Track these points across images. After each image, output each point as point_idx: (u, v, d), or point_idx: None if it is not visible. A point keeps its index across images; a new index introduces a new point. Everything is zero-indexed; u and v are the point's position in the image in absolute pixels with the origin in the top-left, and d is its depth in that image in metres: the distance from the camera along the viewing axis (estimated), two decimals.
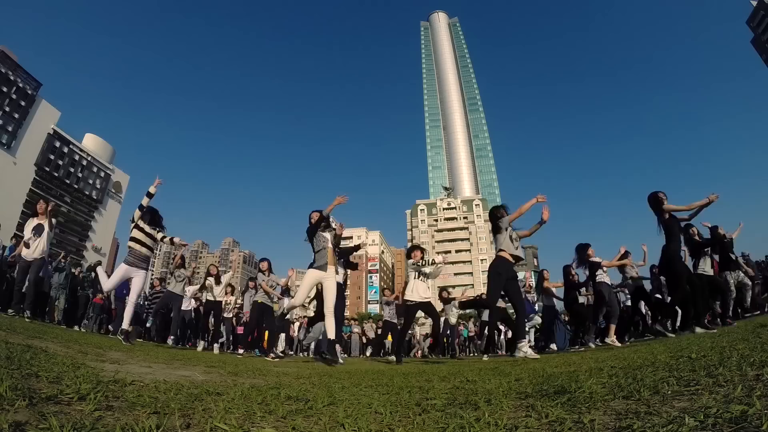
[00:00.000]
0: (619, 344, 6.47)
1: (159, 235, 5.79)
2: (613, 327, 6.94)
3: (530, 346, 5.60)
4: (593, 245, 7.65)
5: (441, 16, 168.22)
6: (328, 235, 5.31)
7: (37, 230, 6.65)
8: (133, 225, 5.70)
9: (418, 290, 6.33)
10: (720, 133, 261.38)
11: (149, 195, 5.75)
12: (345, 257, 6.63)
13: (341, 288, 6.13)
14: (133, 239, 5.66)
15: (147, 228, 5.71)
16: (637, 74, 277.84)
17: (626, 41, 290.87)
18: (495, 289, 5.27)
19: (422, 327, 19.45)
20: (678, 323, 8.62)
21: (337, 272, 5.44)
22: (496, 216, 5.51)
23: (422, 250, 6.69)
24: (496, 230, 5.48)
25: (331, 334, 5.02)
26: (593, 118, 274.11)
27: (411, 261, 6.53)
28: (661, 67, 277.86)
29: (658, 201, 5.79)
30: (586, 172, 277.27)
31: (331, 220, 5.43)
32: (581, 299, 8.95)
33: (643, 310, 9.54)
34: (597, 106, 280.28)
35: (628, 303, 9.05)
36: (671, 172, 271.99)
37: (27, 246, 6.61)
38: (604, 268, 7.48)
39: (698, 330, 5.39)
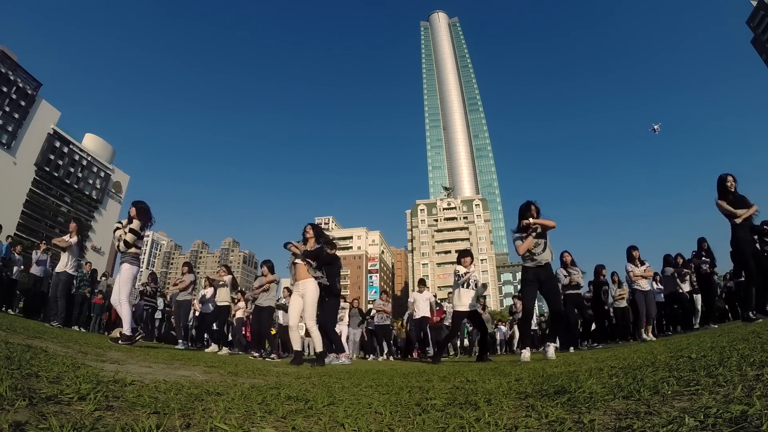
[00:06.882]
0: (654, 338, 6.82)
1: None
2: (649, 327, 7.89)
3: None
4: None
5: (441, 16, 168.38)
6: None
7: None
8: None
9: (467, 299, 6.34)
10: (720, 133, 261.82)
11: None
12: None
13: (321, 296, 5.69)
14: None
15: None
16: (637, 74, 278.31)
17: (626, 41, 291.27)
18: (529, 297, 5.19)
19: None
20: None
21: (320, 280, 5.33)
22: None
23: (472, 257, 6.60)
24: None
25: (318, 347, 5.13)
26: (593, 118, 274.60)
27: (462, 270, 6.42)
28: (661, 67, 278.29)
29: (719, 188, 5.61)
30: (586, 172, 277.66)
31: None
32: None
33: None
34: (597, 106, 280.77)
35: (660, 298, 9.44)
36: (671, 172, 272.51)
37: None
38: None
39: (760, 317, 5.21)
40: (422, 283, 10.29)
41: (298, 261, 5.24)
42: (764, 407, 0.95)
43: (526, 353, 4.73)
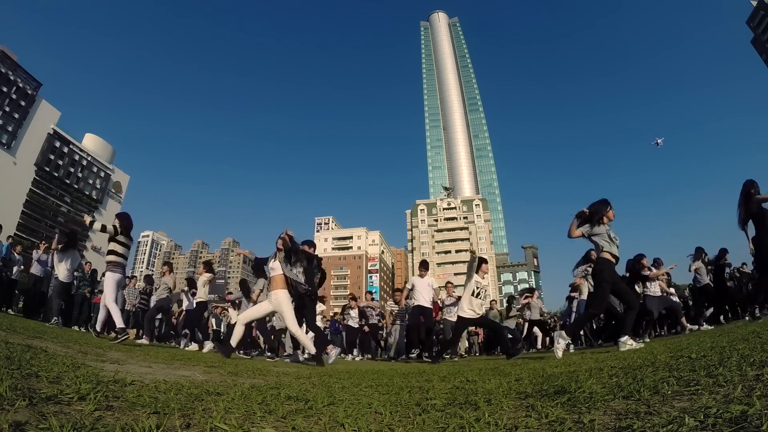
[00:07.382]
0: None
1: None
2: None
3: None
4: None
5: (441, 16, 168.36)
6: (274, 264, 5.27)
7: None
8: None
9: (474, 306, 6.33)
10: (720, 133, 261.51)
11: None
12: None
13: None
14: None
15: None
16: (637, 74, 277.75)
17: (626, 41, 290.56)
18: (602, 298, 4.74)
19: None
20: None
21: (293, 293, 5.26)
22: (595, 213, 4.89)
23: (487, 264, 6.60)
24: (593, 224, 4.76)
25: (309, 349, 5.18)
26: (592, 118, 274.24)
27: (477, 278, 6.47)
28: (661, 67, 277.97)
29: (749, 195, 5.51)
30: (586, 172, 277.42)
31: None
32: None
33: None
34: (596, 106, 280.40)
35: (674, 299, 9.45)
36: (671, 173, 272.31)
37: None
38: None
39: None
40: (424, 265, 8.55)
41: (273, 270, 5.17)
42: (764, 407, 0.95)
43: (562, 345, 4.34)
